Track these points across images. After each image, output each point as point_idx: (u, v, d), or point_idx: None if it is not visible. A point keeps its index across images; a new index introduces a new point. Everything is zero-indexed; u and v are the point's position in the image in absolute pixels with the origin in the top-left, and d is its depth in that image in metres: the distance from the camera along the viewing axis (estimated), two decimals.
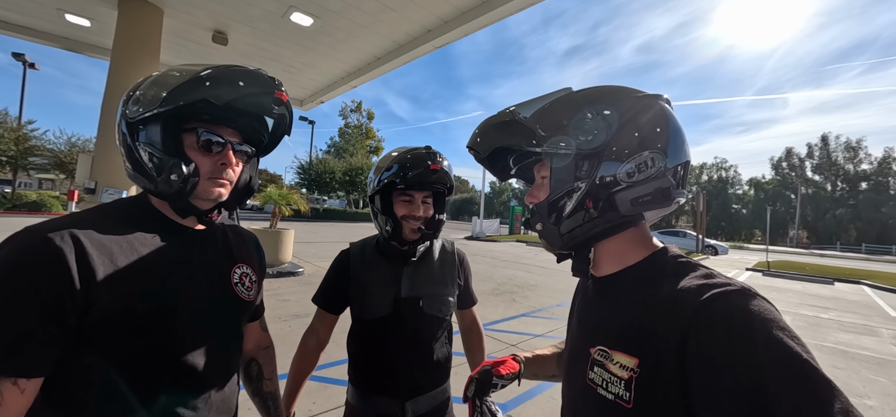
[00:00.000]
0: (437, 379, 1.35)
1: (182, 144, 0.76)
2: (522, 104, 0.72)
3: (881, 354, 5.33)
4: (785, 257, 22.01)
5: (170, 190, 0.74)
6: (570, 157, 0.65)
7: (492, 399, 0.91)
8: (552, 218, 0.68)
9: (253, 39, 7.28)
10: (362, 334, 1.33)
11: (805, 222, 53.18)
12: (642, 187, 0.63)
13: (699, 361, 0.48)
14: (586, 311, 0.73)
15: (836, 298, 9.69)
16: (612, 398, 0.58)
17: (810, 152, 55.46)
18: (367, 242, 1.42)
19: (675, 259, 0.64)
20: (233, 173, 0.83)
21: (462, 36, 6.28)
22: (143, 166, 0.74)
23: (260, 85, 0.80)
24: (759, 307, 0.48)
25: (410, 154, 1.30)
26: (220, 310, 0.83)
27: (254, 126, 0.87)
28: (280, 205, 8.91)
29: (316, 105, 9.56)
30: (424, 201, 1.32)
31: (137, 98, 0.72)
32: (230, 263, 0.89)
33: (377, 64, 7.93)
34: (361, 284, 1.32)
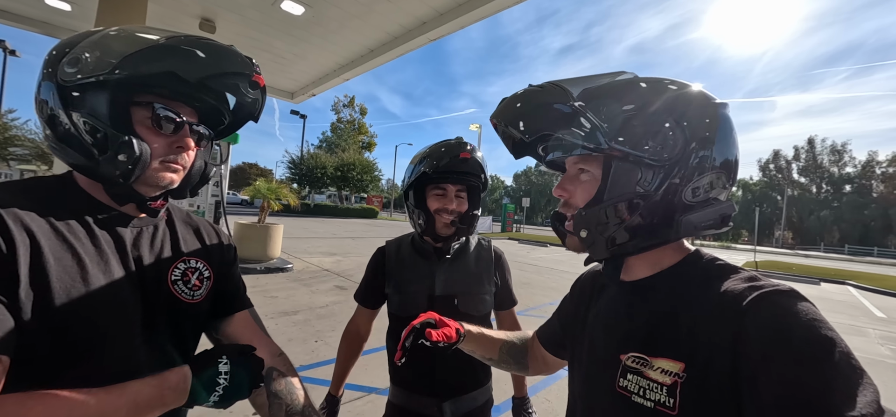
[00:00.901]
0: (478, 380, 1.31)
1: (131, 118, 0.65)
2: (573, 82, 0.62)
3: (870, 354, 5.38)
4: (771, 258, 22.38)
5: (113, 172, 0.63)
6: (635, 163, 0.58)
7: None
8: (601, 228, 0.61)
9: (242, 28, 7.09)
10: (398, 332, 1.28)
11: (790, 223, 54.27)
12: (707, 211, 0.60)
13: (750, 355, 0.48)
14: (613, 317, 0.68)
15: (823, 298, 9.82)
16: (651, 405, 0.55)
17: (797, 155, 56.59)
18: (404, 239, 1.41)
19: (712, 262, 0.62)
20: (187, 158, 0.73)
21: (457, 28, 6.18)
22: (77, 139, 0.63)
23: (237, 65, 0.70)
24: (806, 308, 0.49)
25: (443, 146, 1.28)
26: (157, 314, 0.71)
27: (217, 107, 0.76)
28: (269, 199, 8.73)
29: (307, 98, 9.37)
30: (458, 194, 1.30)
31: (77, 59, 0.60)
32: (171, 258, 0.76)
33: (370, 56, 7.78)
34: (397, 281, 1.31)
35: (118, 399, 0.55)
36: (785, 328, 0.47)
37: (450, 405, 1.24)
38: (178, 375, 0.63)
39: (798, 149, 56.83)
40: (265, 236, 8.02)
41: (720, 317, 0.53)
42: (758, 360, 0.47)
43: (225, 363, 0.67)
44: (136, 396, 0.57)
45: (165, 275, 0.74)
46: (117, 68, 0.59)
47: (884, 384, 4.32)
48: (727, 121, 0.61)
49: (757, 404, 0.46)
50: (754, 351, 0.48)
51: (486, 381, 1.35)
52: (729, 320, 0.51)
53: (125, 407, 0.55)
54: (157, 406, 0.59)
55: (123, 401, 0.55)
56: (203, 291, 0.79)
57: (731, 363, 0.50)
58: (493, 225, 30.00)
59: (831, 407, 0.41)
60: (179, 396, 0.62)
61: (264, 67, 7.44)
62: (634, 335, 0.62)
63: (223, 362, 0.67)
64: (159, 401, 0.60)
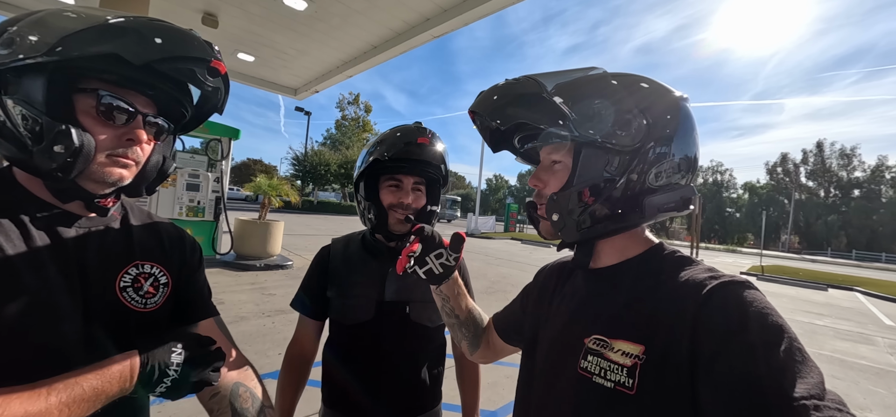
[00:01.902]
0: (425, 403, 1.16)
1: (73, 107, 0.58)
2: (548, 76, 0.66)
3: (879, 364, 5.26)
4: (777, 262, 22.13)
5: (49, 165, 0.56)
6: (602, 151, 0.62)
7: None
8: (572, 211, 0.65)
9: (244, 23, 7.06)
10: (339, 341, 1.15)
11: (797, 228, 53.73)
12: (668, 194, 0.64)
13: (708, 339, 0.51)
14: (578, 302, 0.72)
15: (831, 304, 9.67)
16: (611, 385, 0.58)
17: (805, 158, 55.96)
18: (353, 237, 1.24)
19: (673, 254, 0.67)
20: (140, 152, 0.66)
21: (461, 25, 6.09)
22: (10, 129, 0.56)
23: (192, 49, 0.63)
24: (759, 297, 0.53)
25: (399, 131, 1.13)
26: (100, 324, 0.64)
27: (175, 96, 0.69)
28: (270, 196, 8.70)
29: (310, 95, 9.33)
30: (415, 187, 1.14)
31: (11, 39, 0.54)
32: (121, 261, 0.69)
33: (374, 53, 7.72)
34: (341, 284, 1.14)
35: (47, 395, 0.49)
36: (741, 315, 0.51)
37: None
38: (123, 363, 0.57)
39: (806, 152, 56.21)
40: (266, 232, 7.99)
41: (680, 303, 0.56)
42: (715, 345, 0.50)
43: (179, 353, 0.61)
44: (70, 389, 0.51)
45: (113, 281, 0.67)
46: (55, 50, 0.53)
47: (895, 395, 4.20)
48: (687, 114, 0.65)
49: (713, 385, 0.49)
50: (712, 336, 0.51)
51: (434, 405, 1.20)
52: (689, 306, 0.55)
53: (57, 404, 0.49)
54: (102, 396, 0.54)
55: (54, 398, 0.49)
56: (158, 298, 0.72)
57: (688, 347, 0.53)
58: (496, 225, 29.91)
59: (782, 389, 0.44)
60: (125, 385, 0.56)
61: (267, 62, 7.38)
62: (598, 319, 0.65)
63: (177, 352, 0.61)
64: (104, 391, 0.54)
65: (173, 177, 7.33)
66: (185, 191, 7.34)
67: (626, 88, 0.64)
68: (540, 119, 0.64)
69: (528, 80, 0.67)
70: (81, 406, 0.52)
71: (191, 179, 7.43)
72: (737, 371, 0.47)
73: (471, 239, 20.32)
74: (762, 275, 14.23)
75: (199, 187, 7.52)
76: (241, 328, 4.30)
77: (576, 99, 0.62)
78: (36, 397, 0.48)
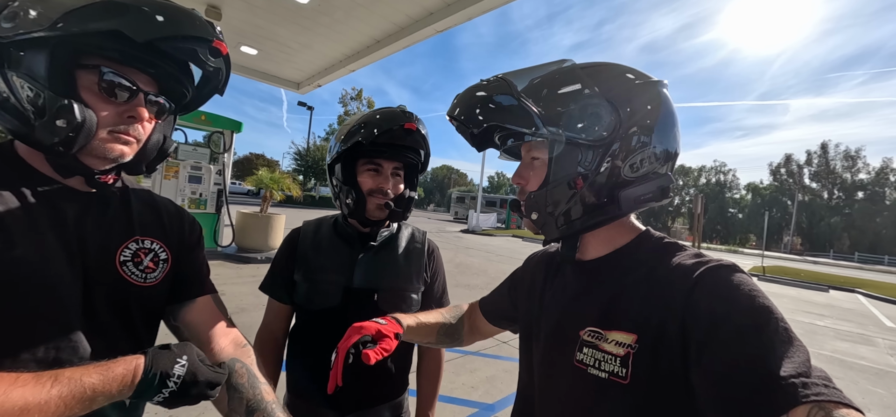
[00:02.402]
0: (389, 393, 1.14)
1: (75, 83, 0.59)
2: (517, 74, 0.66)
3: (878, 364, 5.25)
4: (779, 263, 22.06)
5: (51, 139, 0.57)
6: (574, 146, 0.62)
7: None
8: (549, 208, 0.66)
9: (247, 16, 7.05)
10: (305, 329, 1.12)
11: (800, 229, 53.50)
12: (645, 185, 0.63)
13: (698, 324, 0.52)
14: (570, 296, 0.72)
15: (832, 305, 9.65)
16: (605, 376, 0.59)
17: (809, 160, 55.68)
18: (325, 220, 1.20)
19: (661, 240, 0.67)
20: (141, 130, 0.67)
21: (465, 20, 6.07)
22: (12, 103, 0.57)
23: (195, 28, 0.63)
24: (747, 280, 0.54)
25: (380, 113, 1.08)
26: (100, 296, 0.65)
27: (176, 76, 0.70)
28: (271, 189, 8.72)
29: (313, 89, 9.32)
30: (394, 173, 1.11)
31: (14, 12, 0.54)
32: (122, 236, 0.70)
33: (377, 47, 7.70)
34: (309, 268, 1.10)
35: (50, 386, 0.49)
36: (730, 298, 0.52)
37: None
38: (128, 365, 0.57)
39: (811, 154, 55.90)
40: (267, 225, 8.02)
41: (671, 289, 0.57)
42: (705, 329, 0.51)
43: (183, 365, 0.61)
44: (72, 384, 0.51)
45: (113, 255, 0.68)
46: (58, 25, 0.54)
47: (895, 396, 4.20)
48: (665, 100, 0.64)
49: (705, 368, 0.50)
50: (702, 321, 0.52)
51: (399, 395, 1.16)
52: (679, 292, 0.56)
53: (58, 397, 0.50)
54: (100, 397, 0.54)
55: (56, 391, 0.50)
56: (158, 273, 0.74)
57: (679, 333, 0.54)
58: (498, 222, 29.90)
59: (771, 368, 0.46)
60: (124, 389, 0.56)
61: (270, 56, 7.39)
62: (591, 311, 0.65)
63: (180, 364, 0.61)
64: (103, 392, 0.54)
65: (176, 169, 7.36)
66: (187, 183, 7.36)
67: (597, 80, 0.63)
68: (512, 121, 0.64)
69: (500, 81, 0.67)
70: (80, 404, 0.52)
71: (193, 171, 7.45)
72: (727, 353, 0.48)
73: (472, 236, 20.32)
74: (763, 276, 14.20)
75: (202, 180, 7.55)
76: (241, 319, 4.32)
77: (546, 97, 0.63)
78: (38, 387, 0.49)
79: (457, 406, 3.08)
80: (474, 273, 8.77)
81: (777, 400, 0.44)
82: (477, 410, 3.05)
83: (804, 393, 0.43)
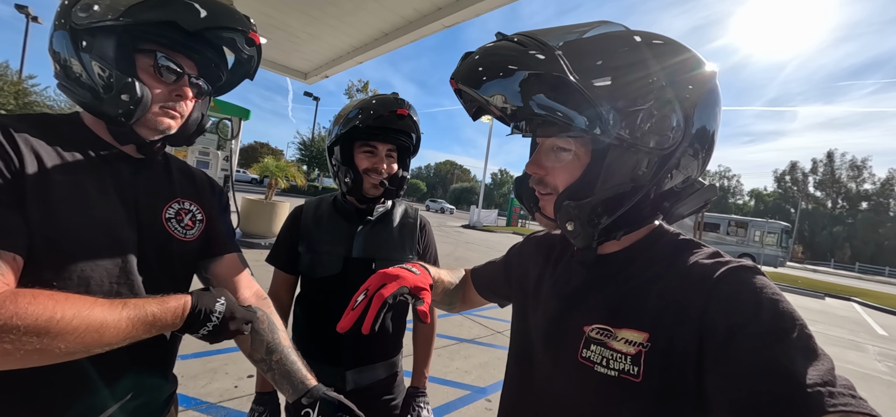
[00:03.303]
0: (386, 351, 1.27)
1: (134, 64, 0.71)
2: (549, 33, 0.52)
3: (865, 369, 5.37)
4: (779, 270, 22.10)
5: (115, 111, 0.69)
6: (635, 151, 0.54)
7: None
8: (593, 220, 0.57)
9: (257, 4, 7.10)
10: (309, 295, 1.26)
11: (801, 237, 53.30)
12: (694, 197, 0.60)
13: (719, 327, 0.49)
14: (573, 289, 0.68)
15: (825, 312, 9.74)
16: (615, 374, 0.56)
17: (815, 168, 55.43)
18: (325, 198, 1.33)
19: (676, 237, 0.64)
20: (185, 107, 0.79)
21: (473, 15, 6.12)
22: (86, 79, 0.69)
23: (234, 21, 0.76)
24: (768, 284, 0.51)
25: (375, 99, 1.20)
26: (150, 246, 0.77)
27: (215, 61, 0.83)
28: (277, 177, 8.86)
29: (320, 79, 9.38)
30: (388, 154, 1.23)
31: (88, 4, 0.67)
32: (166, 197, 0.82)
33: (385, 40, 7.74)
34: (312, 240, 1.24)
35: (121, 309, 0.60)
36: (753, 303, 0.49)
37: (353, 374, 1.19)
38: (179, 301, 0.67)
39: (816, 162, 55.70)
40: (271, 212, 8.16)
41: (688, 289, 0.54)
42: (727, 332, 0.48)
43: (222, 304, 0.73)
44: (137, 310, 0.62)
45: (160, 212, 0.80)
46: (123, 15, 0.66)
47: (876, 398, 4.32)
48: (718, 97, 0.57)
49: (724, 372, 0.48)
50: (723, 324, 0.49)
51: (394, 354, 1.29)
52: (697, 292, 0.53)
53: (127, 318, 0.60)
54: (158, 324, 0.64)
55: (126, 313, 0.60)
56: (195, 231, 0.86)
57: (696, 335, 0.51)
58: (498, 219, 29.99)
59: (795, 376, 0.43)
60: (176, 321, 0.67)
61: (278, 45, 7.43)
62: (599, 308, 0.62)
63: (220, 303, 0.73)
64: (160, 320, 0.64)
65: (184, 154, 7.50)
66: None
67: (663, 63, 0.53)
68: (557, 113, 0.52)
69: (532, 41, 0.53)
70: (143, 327, 0.62)
71: (201, 156, 7.60)
72: (750, 358, 0.46)
73: (472, 231, 20.45)
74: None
75: (209, 165, 7.69)
76: None
77: (602, 78, 0.51)
78: (113, 308, 0.59)
79: (450, 388, 3.23)
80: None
81: (801, 410, 0.42)
82: (469, 392, 3.19)
83: (831, 403, 0.41)
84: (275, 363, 0.84)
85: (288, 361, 0.84)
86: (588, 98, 0.51)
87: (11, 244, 0.57)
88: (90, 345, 0.57)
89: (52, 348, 0.53)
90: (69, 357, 0.56)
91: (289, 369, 0.84)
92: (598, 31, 0.55)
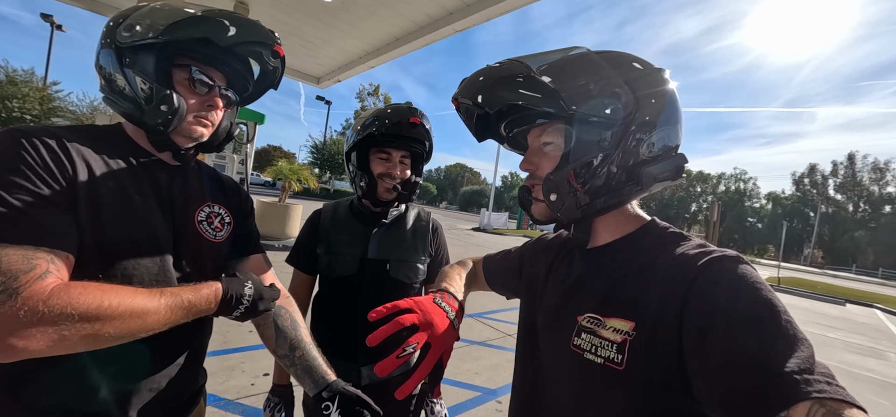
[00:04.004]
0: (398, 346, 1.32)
1: (171, 78, 0.78)
2: (531, 57, 0.66)
3: (887, 377, 5.23)
4: (797, 275, 21.56)
5: (155, 121, 0.75)
6: (596, 126, 0.62)
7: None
8: (570, 187, 0.64)
9: (274, 12, 7.27)
10: (326, 294, 1.32)
11: (821, 241, 51.90)
12: (662, 163, 0.65)
13: (698, 314, 0.52)
14: (573, 280, 0.73)
15: (846, 319, 9.49)
16: (601, 361, 0.59)
17: (835, 170, 53.96)
18: (342, 203, 1.40)
19: (666, 230, 0.68)
20: (216, 116, 0.85)
21: (484, 20, 6.17)
22: (129, 92, 0.75)
23: (261, 35, 0.82)
24: (751, 272, 0.53)
25: (390, 108, 1.27)
26: (184, 246, 0.82)
27: (242, 73, 0.89)
28: (290, 180, 9.01)
29: (332, 84, 9.56)
30: (402, 160, 1.29)
31: (131, 25, 0.73)
32: (198, 201, 0.88)
33: (396, 45, 7.85)
34: (330, 242, 1.30)
35: (160, 297, 0.66)
36: (733, 289, 0.51)
37: (368, 370, 1.24)
38: (211, 287, 0.74)
39: (837, 164, 54.19)
40: (285, 215, 8.30)
41: (674, 278, 0.57)
42: (709, 317, 0.50)
43: (250, 287, 0.79)
44: (174, 297, 0.68)
45: (192, 215, 0.86)
46: (162, 33, 0.72)
47: None
48: (671, 87, 0.67)
49: (704, 357, 0.49)
50: (706, 309, 0.51)
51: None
52: (682, 281, 0.55)
53: (165, 305, 0.66)
54: (194, 309, 0.70)
55: (164, 301, 0.66)
56: (224, 233, 0.91)
57: (678, 322, 0.53)
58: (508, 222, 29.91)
59: (774, 362, 0.44)
60: (210, 305, 0.73)
61: (292, 51, 7.61)
62: (592, 297, 0.66)
63: (248, 286, 0.79)
64: (196, 306, 0.70)
65: (202, 157, 7.71)
66: None
67: (611, 63, 0.65)
68: (531, 100, 0.64)
69: (514, 62, 0.67)
70: (179, 312, 0.68)
71: (218, 159, 7.78)
72: (729, 344, 0.47)
73: (483, 234, 20.42)
74: (778, 286, 13.95)
75: (225, 168, 7.88)
76: None
77: (563, 77, 0.62)
78: (152, 296, 0.65)
79: (461, 389, 3.25)
80: None
81: (779, 394, 0.43)
82: (480, 393, 3.21)
83: (806, 389, 0.42)
84: (297, 359, 0.89)
85: (309, 357, 0.90)
86: (550, 88, 0.62)
87: (66, 244, 0.63)
88: (135, 330, 0.63)
89: (102, 332, 0.59)
90: (117, 341, 0.62)
91: (310, 364, 0.89)
92: (563, 55, 0.67)
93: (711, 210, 23.44)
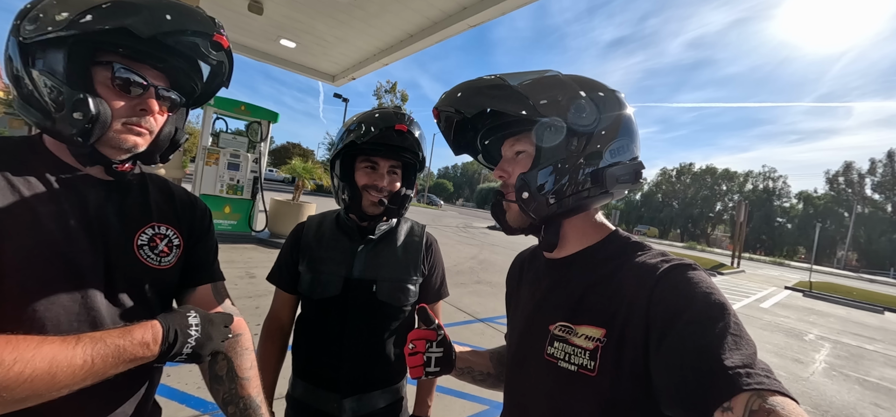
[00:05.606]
0: (388, 377, 1.18)
1: (92, 78, 0.64)
2: (508, 75, 0.72)
3: None
4: (830, 279, 20.56)
5: (70, 131, 0.62)
6: (563, 132, 0.67)
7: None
8: (541, 188, 0.69)
9: (287, 10, 7.29)
10: (308, 317, 1.19)
11: (856, 244, 49.47)
12: (624, 166, 0.70)
13: (659, 317, 0.56)
14: (542, 291, 0.76)
15: (885, 329, 8.92)
16: (574, 369, 0.63)
17: (873, 168, 51.26)
18: (328, 215, 1.26)
19: (628, 239, 0.72)
20: (154, 122, 0.71)
21: (499, 15, 6.02)
22: (36, 98, 0.63)
23: (195, 23, 0.67)
24: (704, 278, 0.59)
25: (377, 113, 1.13)
26: (120, 277, 0.70)
27: (186, 71, 0.75)
28: (304, 178, 9.04)
29: (348, 81, 9.55)
30: (391, 171, 1.15)
31: (36, 16, 0.60)
32: (139, 222, 0.75)
33: (410, 41, 7.78)
34: (312, 259, 1.17)
35: (75, 345, 0.54)
36: (688, 294, 0.56)
37: (350, 402, 1.12)
38: (145, 328, 0.62)
39: (874, 162, 51.43)
40: (298, 212, 8.33)
41: (637, 286, 0.61)
42: (666, 319, 0.56)
43: (195, 316, 0.67)
44: (96, 344, 0.56)
45: (132, 238, 0.73)
46: (71, 25, 0.58)
47: None
48: (622, 99, 0.73)
49: (662, 357, 0.54)
50: (664, 312, 0.56)
51: (397, 380, 1.21)
52: (644, 287, 0.60)
53: (84, 355, 0.54)
54: (126, 357, 0.59)
55: (81, 350, 0.54)
56: (172, 258, 0.79)
57: (643, 325, 0.58)
58: None
59: (720, 359, 0.50)
60: (148, 348, 0.62)
61: (307, 49, 7.63)
62: (562, 306, 0.69)
63: (192, 316, 0.67)
64: (129, 352, 0.59)
65: (216, 156, 7.77)
66: (226, 170, 7.78)
67: (574, 80, 0.72)
68: (509, 108, 0.68)
69: (492, 77, 0.73)
70: (105, 361, 0.56)
71: (232, 158, 7.85)
72: (682, 344, 0.53)
73: (498, 233, 20.22)
74: (809, 291, 13.27)
75: (239, 167, 7.94)
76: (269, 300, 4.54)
77: (537, 90, 0.68)
78: (64, 345, 0.53)
79: (467, 401, 3.12)
80: (498, 271, 8.75)
81: (721, 387, 0.48)
82: (488, 408, 3.08)
83: (746, 382, 0.47)
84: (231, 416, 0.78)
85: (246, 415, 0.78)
86: (523, 96, 0.67)
87: None
88: (42, 391, 0.51)
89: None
90: (20, 406, 0.51)
91: None
92: (538, 74, 0.73)
93: (738, 210, 22.56)
